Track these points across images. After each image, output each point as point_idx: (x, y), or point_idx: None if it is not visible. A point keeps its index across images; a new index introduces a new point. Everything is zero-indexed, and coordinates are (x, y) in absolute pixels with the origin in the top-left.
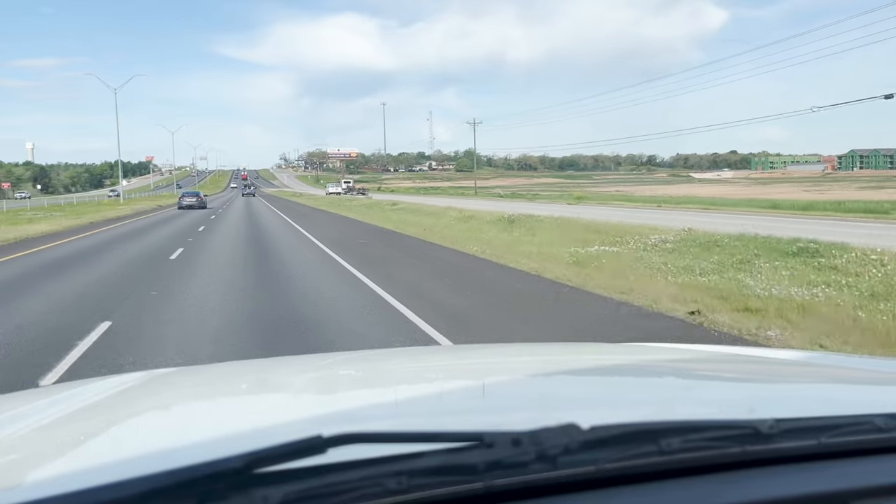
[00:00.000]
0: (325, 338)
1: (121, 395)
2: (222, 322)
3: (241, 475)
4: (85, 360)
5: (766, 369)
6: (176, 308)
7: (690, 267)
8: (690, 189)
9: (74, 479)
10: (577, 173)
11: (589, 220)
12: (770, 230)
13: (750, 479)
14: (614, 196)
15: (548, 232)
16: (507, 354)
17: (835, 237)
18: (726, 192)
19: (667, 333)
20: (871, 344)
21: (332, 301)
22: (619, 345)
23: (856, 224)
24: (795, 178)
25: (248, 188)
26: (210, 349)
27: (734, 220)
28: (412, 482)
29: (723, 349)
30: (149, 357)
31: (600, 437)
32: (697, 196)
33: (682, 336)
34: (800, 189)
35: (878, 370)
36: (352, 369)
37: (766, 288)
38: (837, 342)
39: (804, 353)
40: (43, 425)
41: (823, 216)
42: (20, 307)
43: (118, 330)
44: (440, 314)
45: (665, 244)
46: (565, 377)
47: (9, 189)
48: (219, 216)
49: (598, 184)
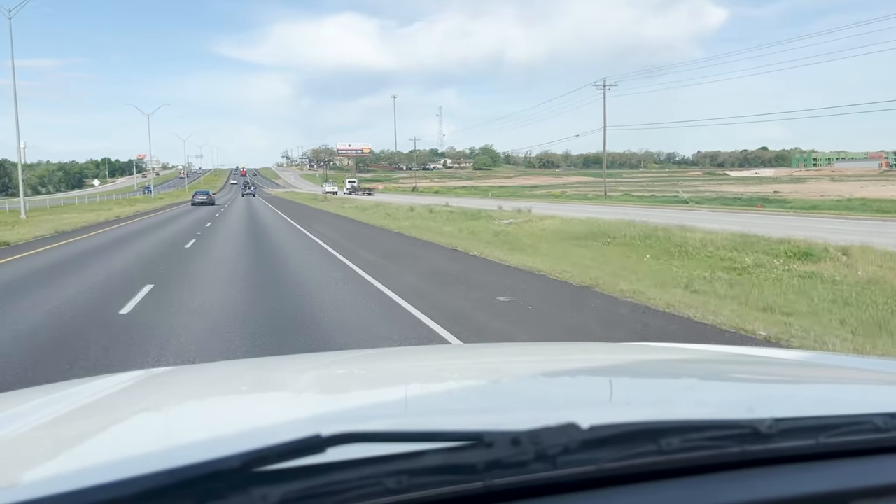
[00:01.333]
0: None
1: (119, 395)
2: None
3: (240, 474)
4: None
5: (765, 369)
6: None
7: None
8: (761, 188)
9: (73, 479)
10: (610, 171)
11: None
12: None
13: (749, 479)
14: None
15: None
16: (507, 354)
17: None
18: (838, 190)
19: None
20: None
21: None
22: (619, 344)
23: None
24: (851, 175)
25: (248, 188)
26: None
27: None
28: (411, 481)
29: (722, 349)
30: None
31: (600, 436)
32: (853, 198)
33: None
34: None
35: (878, 370)
36: (351, 368)
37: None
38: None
39: (803, 353)
40: (42, 424)
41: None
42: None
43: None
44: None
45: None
46: (565, 376)
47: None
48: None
49: (641, 183)
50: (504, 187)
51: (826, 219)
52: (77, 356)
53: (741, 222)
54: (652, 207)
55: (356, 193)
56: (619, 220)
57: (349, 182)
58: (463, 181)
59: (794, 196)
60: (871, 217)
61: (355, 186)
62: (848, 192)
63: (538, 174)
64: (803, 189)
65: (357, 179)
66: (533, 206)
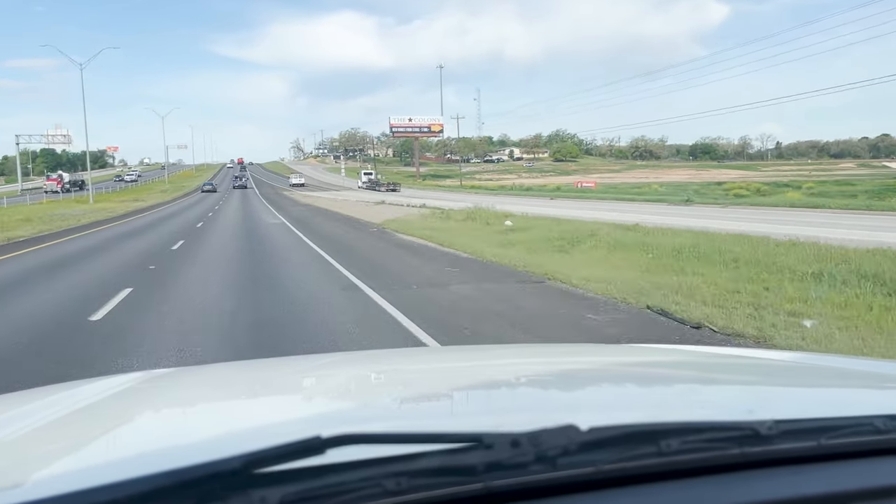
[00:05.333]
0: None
1: (119, 396)
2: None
3: (240, 476)
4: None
5: (764, 371)
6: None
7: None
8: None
9: (73, 480)
10: (733, 163)
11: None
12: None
13: (749, 481)
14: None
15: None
16: (506, 355)
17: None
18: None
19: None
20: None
21: None
22: (619, 346)
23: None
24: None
25: (240, 179)
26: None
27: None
28: (411, 483)
29: (722, 350)
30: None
31: (599, 438)
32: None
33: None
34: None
35: (878, 372)
36: (351, 370)
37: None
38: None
39: (803, 354)
40: (42, 425)
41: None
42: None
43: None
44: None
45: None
46: (564, 378)
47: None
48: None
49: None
50: (621, 188)
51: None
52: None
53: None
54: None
55: (379, 189)
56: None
57: (365, 174)
58: (544, 176)
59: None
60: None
61: (373, 180)
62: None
63: (638, 167)
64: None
65: (374, 172)
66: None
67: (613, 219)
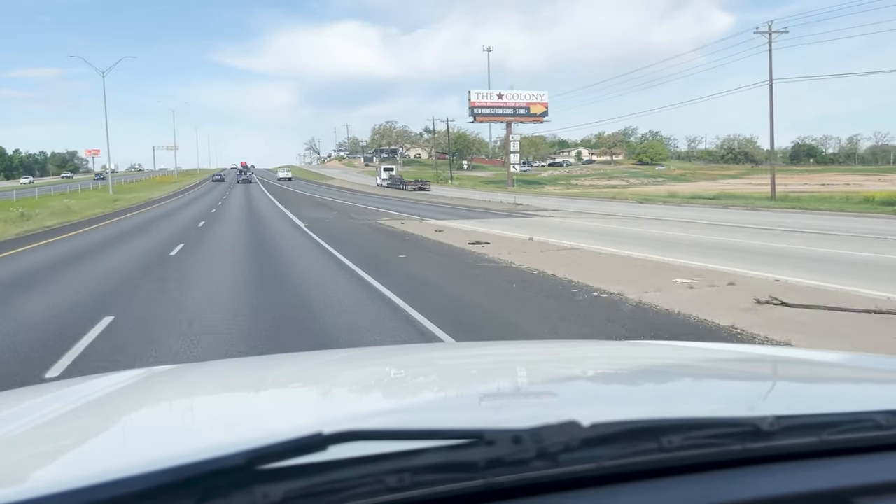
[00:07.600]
0: None
1: (121, 392)
2: None
3: (243, 472)
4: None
5: (766, 367)
6: None
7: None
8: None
9: (75, 477)
10: (866, 167)
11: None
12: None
13: (751, 477)
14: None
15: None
16: (508, 352)
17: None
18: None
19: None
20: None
21: None
22: (620, 342)
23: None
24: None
25: (245, 173)
26: None
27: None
28: (413, 479)
29: (724, 346)
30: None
31: (601, 434)
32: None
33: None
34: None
35: (879, 368)
36: (353, 366)
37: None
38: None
39: (805, 350)
40: (43, 422)
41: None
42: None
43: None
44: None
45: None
46: (566, 374)
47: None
48: None
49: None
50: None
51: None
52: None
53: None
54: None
55: (404, 187)
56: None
57: (385, 170)
58: (657, 183)
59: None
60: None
61: (394, 176)
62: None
63: (749, 173)
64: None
65: (394, 167)
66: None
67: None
